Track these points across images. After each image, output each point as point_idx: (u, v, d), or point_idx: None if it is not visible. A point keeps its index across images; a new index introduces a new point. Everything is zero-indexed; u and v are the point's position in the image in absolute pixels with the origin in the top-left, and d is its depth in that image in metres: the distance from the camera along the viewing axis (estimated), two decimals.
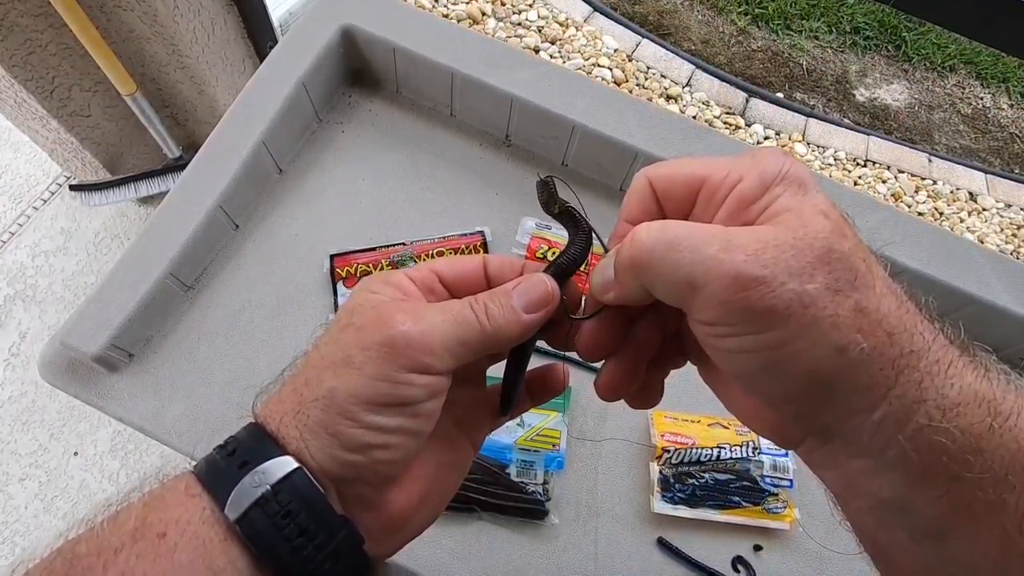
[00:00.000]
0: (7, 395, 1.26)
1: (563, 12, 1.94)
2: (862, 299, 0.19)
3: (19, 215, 1.42)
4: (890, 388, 0.19)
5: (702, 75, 1.91)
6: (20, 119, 1.15)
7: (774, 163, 0.21)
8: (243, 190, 0.60)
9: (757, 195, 0.21)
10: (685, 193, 0.23)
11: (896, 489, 0.20)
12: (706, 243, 0.20)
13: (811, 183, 0.21)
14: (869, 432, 0.19)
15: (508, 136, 0.68)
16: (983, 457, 0.18)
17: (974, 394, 0.19)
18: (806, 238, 0.19)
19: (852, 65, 2.03)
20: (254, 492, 0.21)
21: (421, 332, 0.23)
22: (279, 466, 0.22)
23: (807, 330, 0.19)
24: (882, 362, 0.19)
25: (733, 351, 0.20)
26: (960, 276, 0.58)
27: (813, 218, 0.20)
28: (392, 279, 0.26)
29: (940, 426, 0.18)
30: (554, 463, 0.54)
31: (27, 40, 0.96)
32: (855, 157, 1.86)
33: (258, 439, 0.23)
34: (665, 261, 0.20)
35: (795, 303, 0.19)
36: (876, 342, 0.19)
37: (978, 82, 2.06)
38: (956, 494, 0.19)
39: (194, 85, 1.14)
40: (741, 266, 0.19)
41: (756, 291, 0.19)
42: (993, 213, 1.82)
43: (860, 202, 0.60)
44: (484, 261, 0.28)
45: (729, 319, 0.20)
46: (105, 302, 0.53)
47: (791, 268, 0.19)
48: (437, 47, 0.63)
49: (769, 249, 0.19)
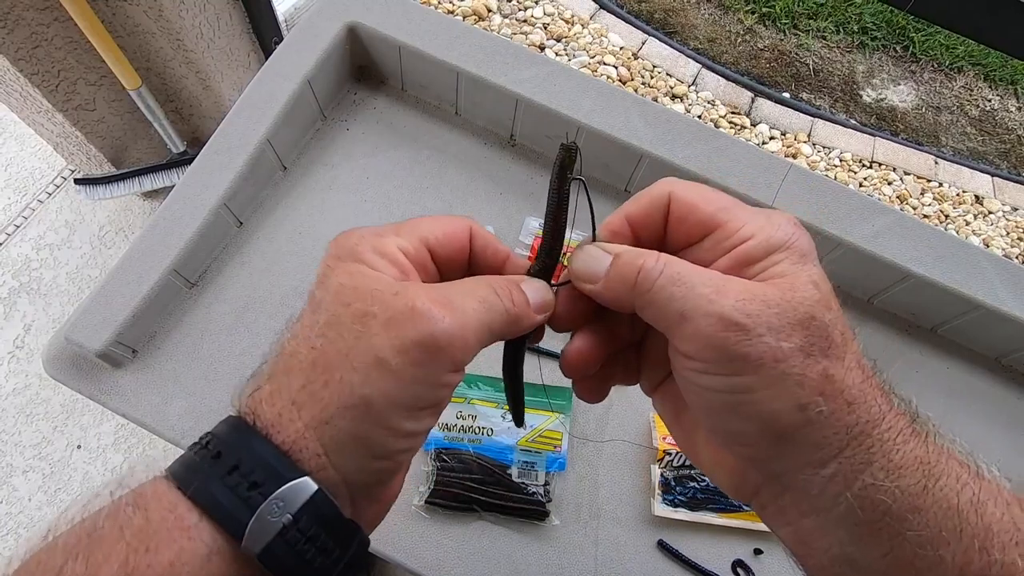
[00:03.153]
0: (11, 387, 1.27)
1: (569, 9, 1.94)
2: (830, 367, 0.21)
3: (24, 208, 1.42)
4: (842, 450, 0.21)
5: (708, 74, 1.91)
6: (25, 112, 1.15)
7: (783, 232, 0.23)
8: (247, 187, 0.60)
9: (760, 258, 0.22)
10: (697, 229, 0.24)
11: (845, 547, 0.21)
12: (702, 284, 0.22)
13: (811, 255, 0.23)
14: (819, 486, 0.21)
15: (513, 135, 0.68)
16: (920, 515, 0.20)
17: (914, 458, 0.20)
18: (792, 301, 0.21)
19: (859, 65, 2.02)
20: (274, 524, 0.19)
21: (461, 327, 0.22)
22: (299, 492, 0.20)
23: (774, 382, 0.20)
24: (837, 426, 0.21)
25: (703, 387, 0.22)
26: (966, 281, 0.58)
27: (804, 286, 0.21)
28: (386, 252, 0.23)
29: (883, 485, 0.20)
30: (555, 464, 0.54)
31: (33, 34, 0.96)
32: (861, 158, 1.85)
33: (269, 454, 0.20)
34: (664, 291, 0.22)
35: (768, 355, 0.20)
36: (835, 407, 0.20)
37: (986, 84, 2.05)
38: (899, 551, 0.20)
39: (199, 80, 1.14)
40: (727, 310, 0.21)
41: (735, 335, 0.20)
42: (999, 216, 1.81)
43: (865, 204, 0.60)
44: (471, 237, 0.26)
45: (706, 355, 0.21)
46: (109, 298, 0.53)
47: (771, 324, 0.20)
48: (442, 45, 0.63)
49: (757, 303, 0.21)
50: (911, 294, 0.60)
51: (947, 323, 0.62)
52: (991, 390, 0.62)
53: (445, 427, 0.55)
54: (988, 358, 0.63)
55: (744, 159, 0.61)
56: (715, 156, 0.61)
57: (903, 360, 0.63)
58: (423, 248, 0.25)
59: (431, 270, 0.25)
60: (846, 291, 0.65)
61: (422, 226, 0.25)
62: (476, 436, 0.55)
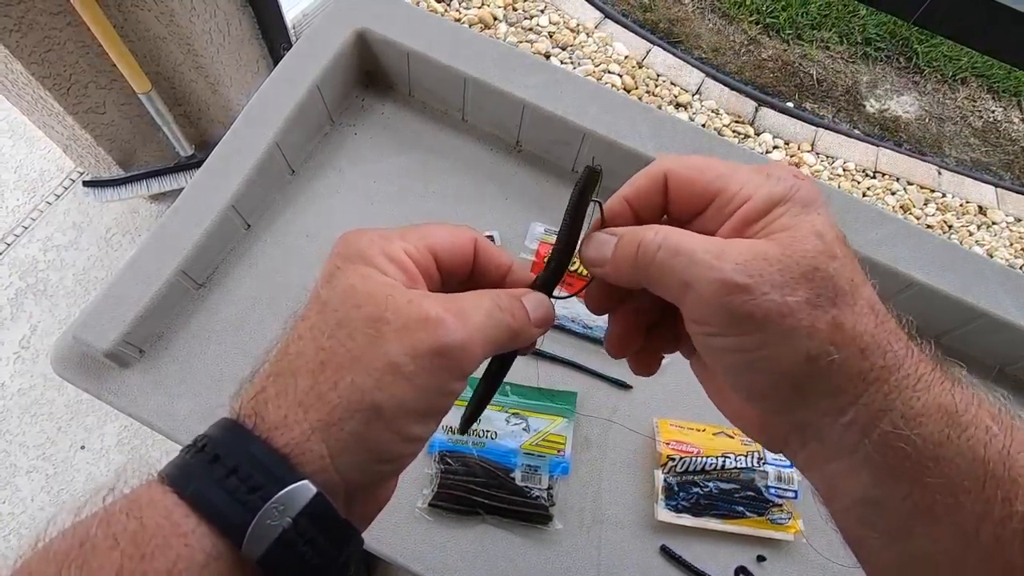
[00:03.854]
0: (16, 387, 1.28)
1: (574, 18, 1.95)
2: (839, 315, 0.21)
3: (32, 209, 1.43)
4: (859, 396, 0.21)
5: (712, 83, 1.92)
6: (36, 115, 1.17)
7: (783, 185, 0.23)
8: (256, 190, 0.60)
9: (761, 215, 0.22)
10: (697, 201, 0.25)
11: (868, 489, 0.22)
12: (702, 251, 0.22)
13: (816, 202, 0.23)
14: (839, 434, 0.21)
15: (519, 141, 0.69)
16: (940, 464, 0.20)
17: (937, 407, 0.20)
18: (794, 255, 0.21)
19: (863, 76, 2.02)
20: (275, 528, 0.19)
21: (471, 337, 0.22)
22: (299, 495, 0.20)
23: (783, 337, 0.21)
24: (851, 373, 0.21)
25: (717, 349, 0.23)
26: (969, 290, 0.58)
27: (806, 238, 0.21)
28: (395, 257, 0.23)
29: (903, 433, 0.20)
30: (559, 468, 0.54)
31: (46, 37, 0.97)
32: (864, 168, 1.85)
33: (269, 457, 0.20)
34: (665, 264, 0.23)
35: (773, 312, 0.20)
36: (848, 355, 0.21)
37: (990, 95, 2.05)
38: (919, 496, 0.21)
39: (208, 85, 1.15)
40: (728, 273, 0.21)
41: (739, 297, 0.21)
42: (1003, 227, 1.81)
43: (869, 213, 0.60)
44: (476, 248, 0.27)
45: (714, 320, 0.22)
46: (117, 298, 0.53)
47: (774, 281, 0.21)
48: (450, 51, 0.64)
49: (758, 261, 0.21)
50: (915, 302, 0.61)
51: (951, 332, 0.62)
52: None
53: (449, 430, 0.55)
54: (991, 367, 0.63)
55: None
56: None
57: None
58: (429, 255, 0.25)
59: (435, 278, 0.25)
60: None
61: (429, 233, 0.25)
62: (480, 439, 0.55)
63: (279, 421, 0.21)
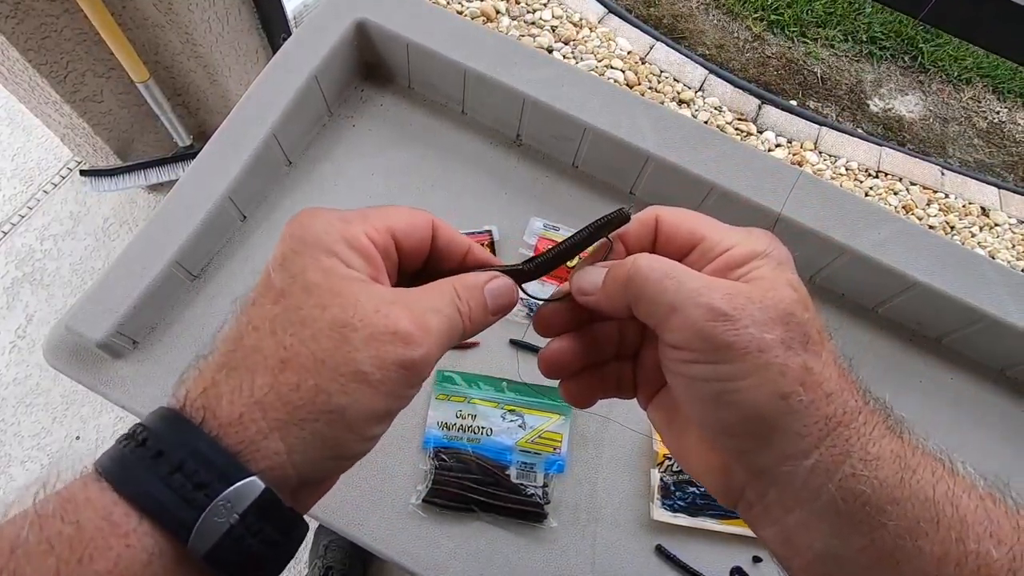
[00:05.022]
0: (12, 377, 1.27)
1: (577, 12, 1.94)
2: (809, 360, 0.22)
3: (29, 198, 1.42)
4: (822, 439, 0.22)
5: (715, 80, 1.90)
6: (33, 103, 1.16)
7: (762, 243, 0.25)
8: (252, 181, 0.60)
9: (742, 263, 0.24)
10: (683, 242, 0.27)
11: (829, 540, 0.22)
12: (691, 280, 0.23)
13: (788, 264, 0.25)
14: (801, 478, 0.22)
15: (519, 135, 0.68)
16: (898, 506, 0.21)
17: (890, 451, 0.22)
18: (772, 300, 0.23)
19: (867, 75, 2.01)
20: (221, 525, 0.19)
21: (431, 350, 0.23)
22: (247, 492, 0.19)
23: (758, 371, 0.22)
24: (817, 416, 0.22)
25: (691, 377, 0.24)
26: (971, 291, 0.57)
27: (782, 288, 0.23)
28: (356, 243, 0.23)
29: (863, 475, 0.21)
30: (555, 466, 0.54)
31: (42, 24, 0.96)
32: (867, 168, 1.84)
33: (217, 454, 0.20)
34: (656, 285, 0.24)
35: (752, 345, 0.22)
36: (814, 398, 0.22)
37: (994, 96, 2.04)
38: (880, 543, 0.21)
39: (206, 74, 1.14)
40: (716, 301, 0.22)
41: (722, 324, 0.22)
42: (1005, 228, 1.80)
43: (873, 212, 0.60)
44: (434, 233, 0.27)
45: (695, 344, 0.23)
46: (111, 289, 0.53)
47: (755, 317, 0.22)
48: (451, 43, 0.63)
49: (741, 297, 0.23)
50: (916, 303, 0.60)
51: (952, 333, 0.62)
52: (995, 401, 0.62)
53: (444, 426, 0.54)
54: (993, 369, 0.63)
55: (752, 165, 0.61)
56: (722, 161, 0.61)
57: (907, 370, 0.62)
58: (389, 238, 0.25)
59: (394, 259, 0.26)
60: (851, 299, 0.64)
61: (389, 215, 0.25)
62: (475, 436, 0.54)
63: (233, 419, 0.20)
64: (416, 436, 0.55)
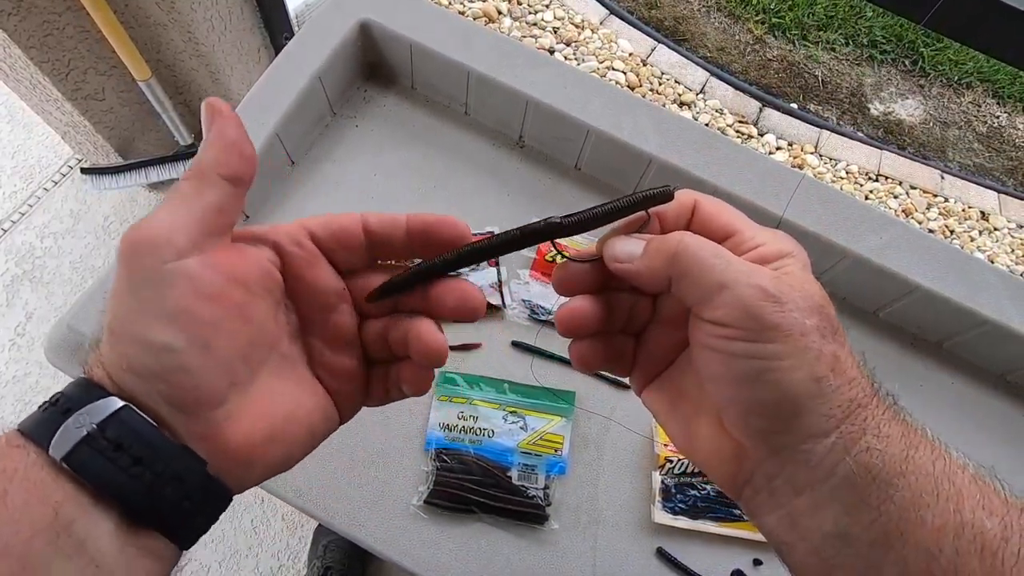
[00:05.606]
0: (11, 375, 1.27)
1: (579, 14, 1.94)
2: (838, 349, 0.24)
3: (30, 196, 1.42)
4: (842, 421, 0.24)
5: (716, 82, 1.91)
6: (35, 100, 1.16)
7: (789, 244, 0.27)
8: (255, 180, 0.60)
9: (774, 259, 0.26)
10: (717, 232, 0.28)
11: (838, 519, 0.23)
12: (739, 262, 0.25)
13: (809, 266, 0.27)
14: (819, 456, 0.24)
15: (522, 136, 0.68)
16: (904, 479, 0.23)
17: (898, 432, 0.24)
18: (807, 291, 0.25)
19: (868, 78, 2.02)
20: (78, 432, 0.22)
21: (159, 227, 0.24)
22: (104, 406, 0.22)
23: (798, 353, 0.23)
24: (841, 400, 0.24)
25: (731, 354, 0.24)
26: (972, 296, 0.58)
27: (812, 283, 0.25)
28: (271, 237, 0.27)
29: (876, 449, 0.23)
30: (556, 468, 0.54)
31: (44, 22, 0.96)
32: (867, 171, 1.84)
33: (84, 388, 0.23)
34: (706, 262, 0.25)
35: (796, 328, 0.23)
36: (840, 383, 0.24)
37: (994, 100, 2.05)
38: (886, 517, 0.23)
39: (208, 73, 1.14)
40: (766, 282, 0.24)
41: (771, 305, 0.23)
42: (1004, 233, 1.81)
43: (874, 216, 0.60)
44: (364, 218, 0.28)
45: (742, 322, 0.24)
46: None
47: (797, 304, 0.24)
48: (454, 44, 0.63)
49: (784, 284, 0.24)
50: (917, 307, 0.60)
51: (953, 338, 0.62)
52: (996, 406, 0.62)
53: (446, 427, 0.54)
54: (993, 374, 0.63)
55: (753, 168, 0.61)
56: (724, 163, 0.61)
57: (908, 374, 0.62)
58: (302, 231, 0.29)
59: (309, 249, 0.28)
60: (852, 303, 0.64)
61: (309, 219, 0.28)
62: (477, 437, 0.54)
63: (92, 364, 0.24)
64: (418, 437, 0.55)
